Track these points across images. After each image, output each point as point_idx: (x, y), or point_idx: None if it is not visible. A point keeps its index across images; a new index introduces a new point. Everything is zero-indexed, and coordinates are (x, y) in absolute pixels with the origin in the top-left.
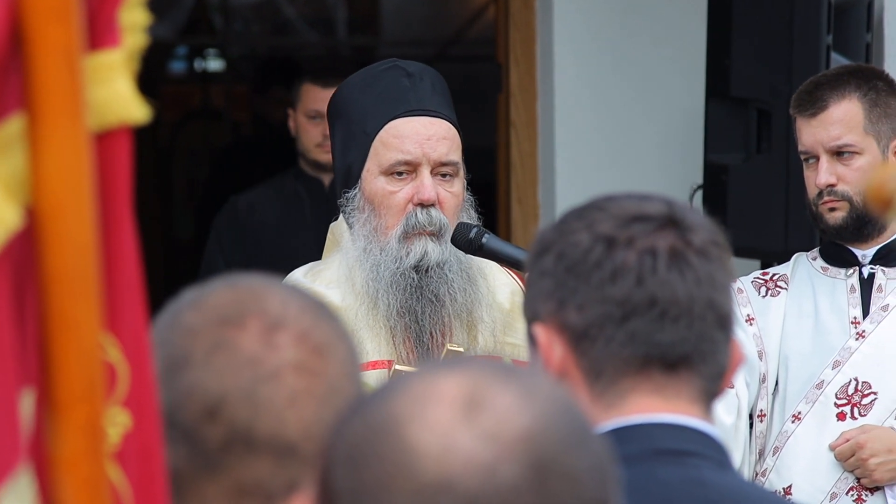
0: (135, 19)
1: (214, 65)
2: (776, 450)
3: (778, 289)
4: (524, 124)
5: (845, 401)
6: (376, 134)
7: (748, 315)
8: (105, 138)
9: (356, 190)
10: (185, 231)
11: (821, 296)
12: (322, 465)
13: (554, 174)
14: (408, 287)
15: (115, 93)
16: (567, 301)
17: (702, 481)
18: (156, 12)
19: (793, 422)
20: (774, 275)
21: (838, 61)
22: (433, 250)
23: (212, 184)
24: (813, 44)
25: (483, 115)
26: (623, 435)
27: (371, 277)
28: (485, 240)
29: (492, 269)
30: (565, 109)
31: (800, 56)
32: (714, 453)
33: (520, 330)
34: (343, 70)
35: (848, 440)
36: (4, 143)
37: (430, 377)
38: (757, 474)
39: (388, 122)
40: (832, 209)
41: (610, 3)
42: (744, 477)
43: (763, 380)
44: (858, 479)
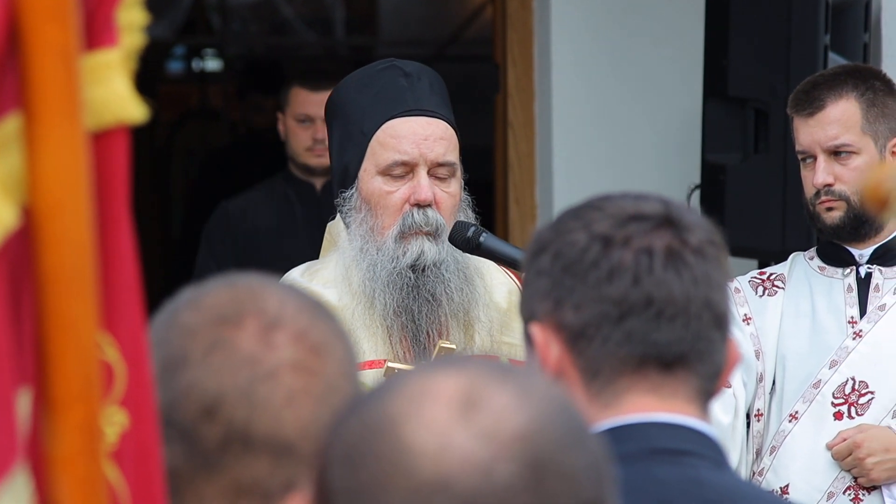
0: (132, 19)
1: (212, 65)
2: (773, 449)
3: (775, 288)
4: (522, 124)
5: (842, 400)
6: (373, 134)
7: (745, 314)
8: (102, 138)
9: (353, 190)
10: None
11: (818, 295)
12: (319, 465)
13: (551, 174)
14: (404, 286)
15: (112, 92)
16: (564, 300)
17: (699, 481)
18: (153, 12)
19: (790, 421)
20: (771, 274)
21: (836, 61)
22: (429, 250)
23: (201, 183)
24: (810, 44)
25: (481, 116)
26: (620, 434)
27: (368, 277)
28: (482, 239)
29: (489, 269)
30: (563, 109)
31: (797, 56)
32: (711, 452)
33: (517, 329)
34: (332, 72)
35: (845, 439)
36: (1, 143)
37: (427, 376)
38: (754, 474)
39: (385, 122)
40: (829, 209)
41: (608, 3)
42: (741, 476)
43: (760, 379)
44: (855, 478)
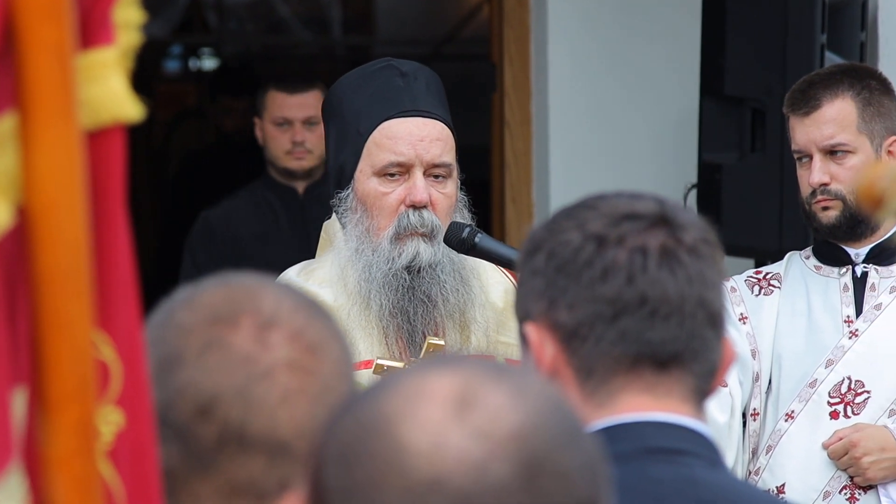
0: (128, 17)
1: (209, 64)
2: (769, 448)
3: (771, 287)
4: (518, 123)
5: (838, 399)
6: (369, 134)
7: (741, 314)
8: (98, 137)
9: (349, 190)
10: None
11: (814, 294)
12: (314, 464)
13: (548, 173)
14: (400, 288)
15: (108, 91)
16: (558, 300)
17: (693, 480)
18: (150, 11)
19: (786, 420)
20: (767, 273)
21: (832, 60)
22: (425, 251)
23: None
24: (807, 43)
25: (477, 114)
26: (614, 433)
27: (363, 278)
28: (477, 239)
29: (485, 268)
30: (559, 108)
31: (794, 55)
32: (706, 452)
33: (513, 329)
34: (308, 74)
35: (841, 439)
36: None
37: (422, 376)
38: (750, 473)
39: (381, 122)
40: (825, 208)
41: (604, 2)
42: (736, 475)
43: (756, 378)
44: (851, 477)
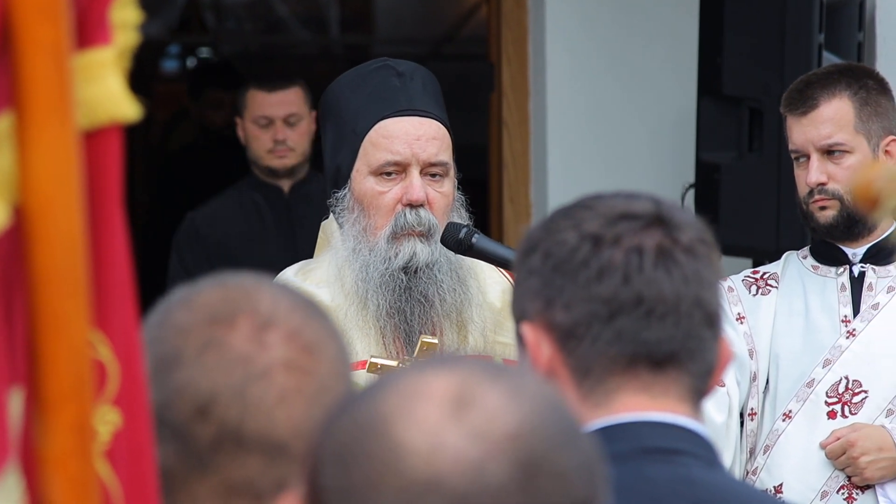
0: (126, 17)
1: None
2: (767, 448)
3: (768, 287)
4: (516, 123)
5: (836, 399)
6: (366, 134)
7: (739, 313)
8: (96, 136)
9: (346, 190)
10: None
11: (811, 294)
12: (311, 464)
13: (546, 173)
14: (396, 288)
15: (105, 91)
16: (554, 300)
17: (691, 479)
18: (148, 10)
19: (783, 420)
20: (765, 273)
21: (830, 60)
22: (422, 251)
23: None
24: (805, 43)
25: (475, 114)
26: (611, 433)
27: (360, 278)
28: (474, 240)
29: (483, 268)
30: (557, 108)
31: (792, 55)
32: (703, 451)
33: (510, 329)
34: (288, 72)
35: (839, 438)
36: None
37: (419, 376)
38: (748, 473)
39: (377, 121)
40: (823, 208)
41: (602, 2)
42: (734, 475)
43: (754, 378)
44: (849, 477)
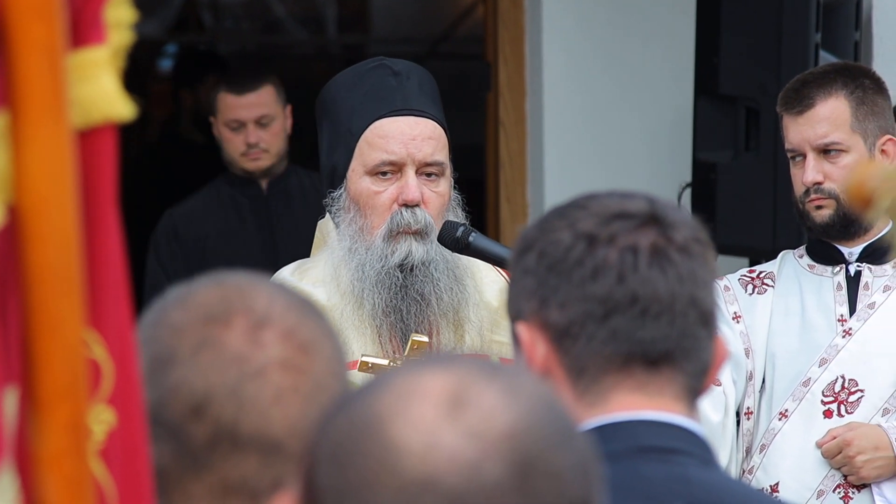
0: (120, 16)
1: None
2: (763, 447)
3: (765, 286)
4: (513, 123)
5: (832, 398)
6: (361, 133)
7: (735, 313)
8: (90, 136)
9: (341, 189)
10: None
11: (807, 293)
12: (306, 463)
13: (542, 172)
14: (393, 286)
15: (100, 90)
16: (549, 299)
17: (686, 478)
18: (145, 10)
19: (780, 419)
20: (761, 272)
21: (827, 59)
22: (418, 250)
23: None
24: (801, 42)
25: (472, 114)
26: (606, 432)
27: (356, 277)
28: (471, 238)
29: (480, 267)
30: (554, 108)
31: (788, 54)
32: (699, 450)
33: (507, 327)
34: (259, 73)
35: (835, 437)
36: None
37: (415, 375)
38: (744, 472)
39: (373, 121)
40: (819, 207)
41: (599, 2)
42: (729, 474)
43: (750, 377)
44: (845, 476)
